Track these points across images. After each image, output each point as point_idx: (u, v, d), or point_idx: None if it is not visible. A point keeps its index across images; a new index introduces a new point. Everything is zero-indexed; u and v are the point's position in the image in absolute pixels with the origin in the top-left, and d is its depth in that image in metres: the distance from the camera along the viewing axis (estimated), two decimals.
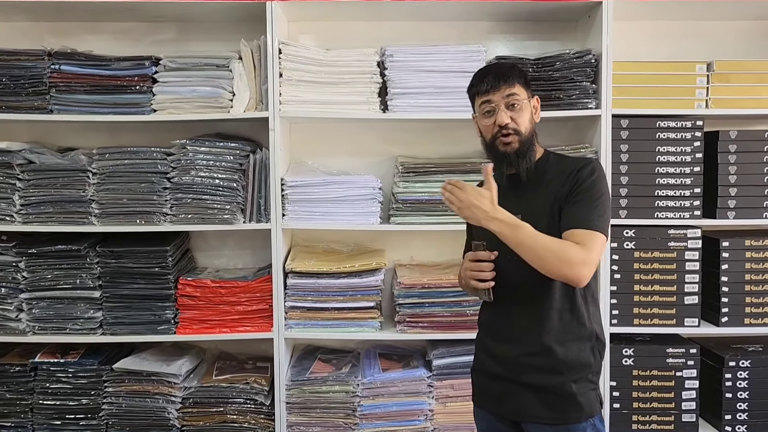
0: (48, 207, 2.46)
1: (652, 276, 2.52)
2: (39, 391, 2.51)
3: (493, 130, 1.74)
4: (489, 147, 1.78)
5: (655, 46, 2.72)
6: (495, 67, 1.81)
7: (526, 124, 1.74)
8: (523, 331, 1.74)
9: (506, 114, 1.71)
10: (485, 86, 1.74)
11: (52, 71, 2.44)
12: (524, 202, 1.75)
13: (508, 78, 1.73)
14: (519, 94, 1.73)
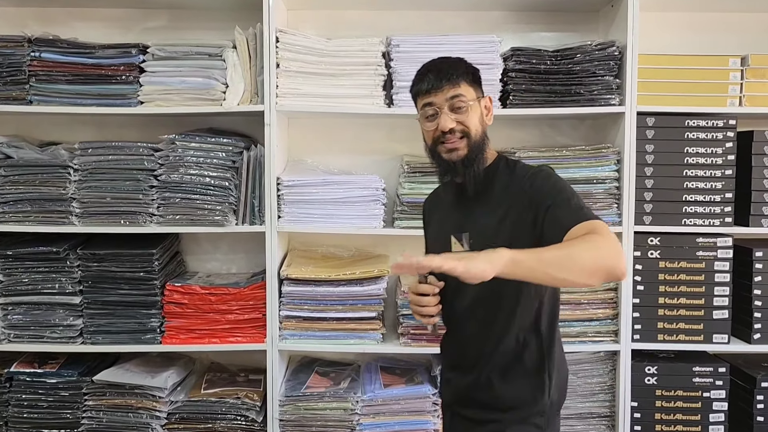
0: (26, 205, 2.29)
1: (679, 288, 2.32)
2: (14, 404, 2.34)
3: (434, 135, 1.55)
4: (431, 153, 1.59)
5: (683, 39, 2.52)
6: (437, 63, 1.58)
7: (475, 126, 1.54)
8: (470, 362, 1.60)
9: (450, 118, 1.52)
10: (426, 86, 1.54)
11: (32, 59, 2.28)
12: (473, 218, 1.57)
13: (451, 76, 1.53)
14: (465, 95, 1.53)
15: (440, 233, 1.66)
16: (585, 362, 2.36)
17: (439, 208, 1.74)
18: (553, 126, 2.60)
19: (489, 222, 1.53)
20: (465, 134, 1.52)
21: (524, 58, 2.28)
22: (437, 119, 1.53)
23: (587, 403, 2.36)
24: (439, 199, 1.75)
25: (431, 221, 1.78)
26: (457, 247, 1.58)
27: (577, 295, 2.31)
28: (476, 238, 1.54)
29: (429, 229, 1.80)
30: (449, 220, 1.63)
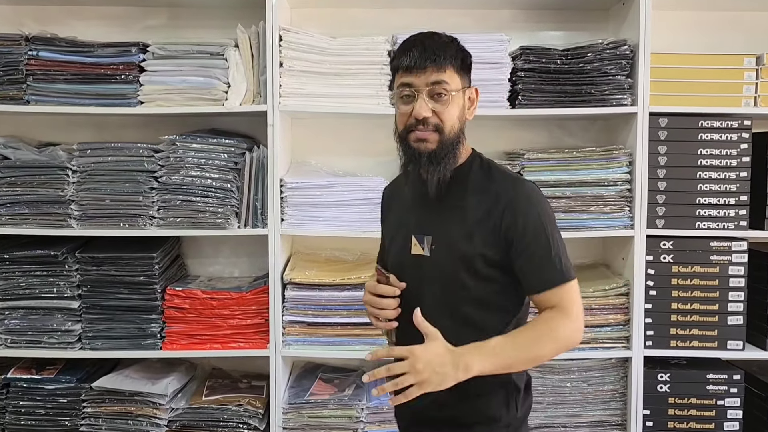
0: (23, 208, 2.24)
1: (692, 293, 2.26)
2: (11, 411, 2.28)
3: (407, 121, 1.38)
4: (400, 139, 1.43)
5: (696, 38, 2.46)
6: (425, 39, 1.39)
7: (452, 120, 1.37)
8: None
9: (427, 105, 1.35)
10: (407, 61, 1.36)
11: (29, 58, 2.22)
12: (439, 221, 1.42)
13: (438, 58, 1.35)
14: (449, 83, 1.36)
15: (399, 230, 1.50)
16: (596, 369, 2.30)
17: (399, 200, 1.56)
18: (562, 126, 2.54)
19: (457, 231, 1.39)
20: (438, 128, 1.36)
21: (534, 57, 2.23)
22: (413, 103, 1.36)
23: (598, 411, 2.30)
24: (400, 189, 1.56)
25: (389, 213, 1.61)
26: (417, 249, 1.44)
27: (588, 300, 2.24)
28: (440, 245, 1.40)
29: (387, 221, 1.62)
30: (410, 217, 1.48)
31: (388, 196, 1.66)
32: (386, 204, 1.65)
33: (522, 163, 2.26)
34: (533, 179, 2.21)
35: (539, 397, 2.29)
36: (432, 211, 1.43)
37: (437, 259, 1.41)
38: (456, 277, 1.39)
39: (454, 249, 1.37)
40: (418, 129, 1.37)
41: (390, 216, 1.60)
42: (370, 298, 1.42)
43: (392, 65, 1.43)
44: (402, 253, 1.46)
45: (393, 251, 1.51)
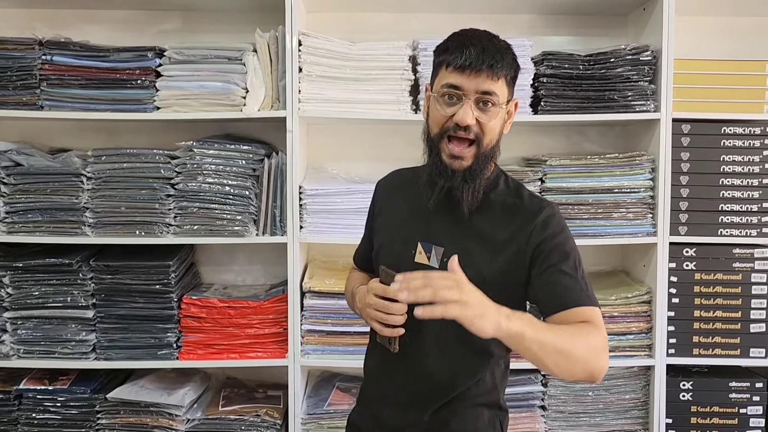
0: (36, 215, 2.19)
1: (714, 301, 2.24)
2: (24, 422, 2.23)
3: (446, 123, 1.29)
4: (430, 144, 1.33)
5: (718, 44, 2.44)
6: (483, 39, 1.29)
7: (493, 133, 1.30)
8: (422, 396, 1.39)
9: (473, 112, 1.26)
10: (462, 60, 1.25)
11: (43, 62, 2.17)
12: (455, 234, 1.35)
13: (495, 64, 1.26)
14: (498, 94, 1.28)
15: (399, 233, 1.42)
16: (618, 378, 2.28)
17: (403, 200, 1.47)
18: (581, 132, 2.52)
19: (478, 251, 1.32)
20: (477, 139, 1.28)
21: (556, 63, 2.20)
22: (456, 106, 1.27)
23: (620, 420, 2.28)
24: (404, 188, 1.47)
25: (386, 210, 1.50)
26: (422, 258, 1.37)
27: (610, 308, 2.23)
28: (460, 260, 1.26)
29: (381, 219, 1.51)
30: (418, 223, 1.39)
31: (385, 191, 1.54)
32: (381, 200, 1.54)
33: (544, 169, 2.23)
34: (556, 186, 2.23)
35: (561, 406, 2.27)
36: (449, 222, 1.36)
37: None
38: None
39: (473, 269, 1.27)
40: (458, 136, 1.28)
41: (387, 214, 1.50)
42: (377, 301, 1.30)
43: (440, 59, 1.32)
44: (401, 258, 1.38)
45: (387, 254, 1.42)
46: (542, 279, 1.29)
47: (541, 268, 1.30)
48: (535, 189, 2.23)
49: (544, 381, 2.26)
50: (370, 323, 1.33)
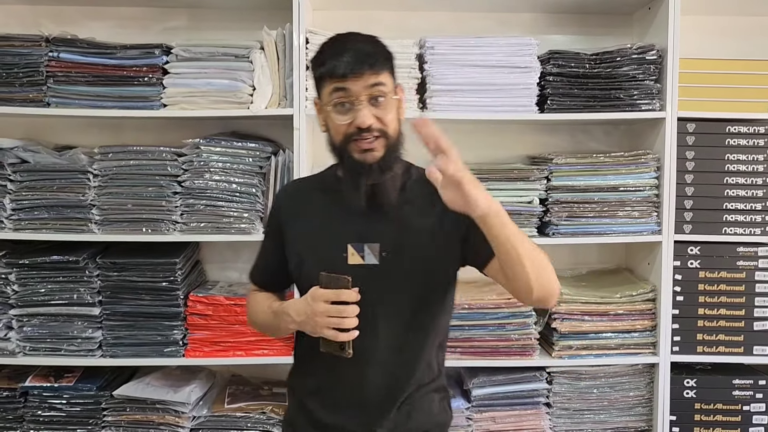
0: (43, 212, 2.19)
1: (718, 299, 2.26)
2: (29, 419, 2.23)
3: (347, 131, 1.31)
4: (339, 151, 1.34)
5: (723, 43, 2.45)
6: (355, 41, 1.33)
7: (394, 123, 1.33)
8: (378, 395, 1.39)
9: (369, 112, 1.29)
10: (342, 68, 1.27)
11: (49, 59, 2.17)
12: (390, 231, 1.37)
13: (374, 61, 1.29)
14: (386, 84, 1.31)
15: (323, 238, 1.41)
16: (622, 375, 2.29)
17: (318, 207, 1.45)
18: (586, 131, 2.53)
19: (414, 239, 1.36)
20: (382, 133, 1.30)
21: (562, 62, 2.21)
22: (352, 112, 1.29)
23: (624, 417, 2.29)
24: (316, 195, 1.46)
25: (297, 220, 1.46)
26: (354, 259, 1.37)
27: (615, 305, 2.24)
28: (395, 252, 1.36)
29: (293, 229, 1.46)
30: (343, 226, 1.38)
31: (290, 201, 1.50)
32: (288, 211, 1.49)
33: (550, 167, 2.24)
34: (562, 184, 2.24)
35: (566, 403, 2.28)
36: (376, 219, 1.37)
37: (392, 266, 1.37)
38: (415, 281, 1.37)
39: (418, 253, 1.35)
40: (363, 138, 1.30)
41: (300, 224, 1.45)
42: (330, 307, 1.27)
43: (320, 72, 1.33)
44: (332, 264, 1.36)
45: (315, 262, 1.38)
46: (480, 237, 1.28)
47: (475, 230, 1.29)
48: (540, 187, 2.25)
49: (549, 378, 2.27)
50: (321, 332, 1.29)
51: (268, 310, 1.47)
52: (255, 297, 1.57)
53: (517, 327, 2.23)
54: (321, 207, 1.44)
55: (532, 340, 2.23)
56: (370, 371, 1.39)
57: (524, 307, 2.22)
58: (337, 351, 1.30)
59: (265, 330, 1.56)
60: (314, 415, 1.45)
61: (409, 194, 1.40)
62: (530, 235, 2.24)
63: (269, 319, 1.47)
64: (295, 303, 1.36)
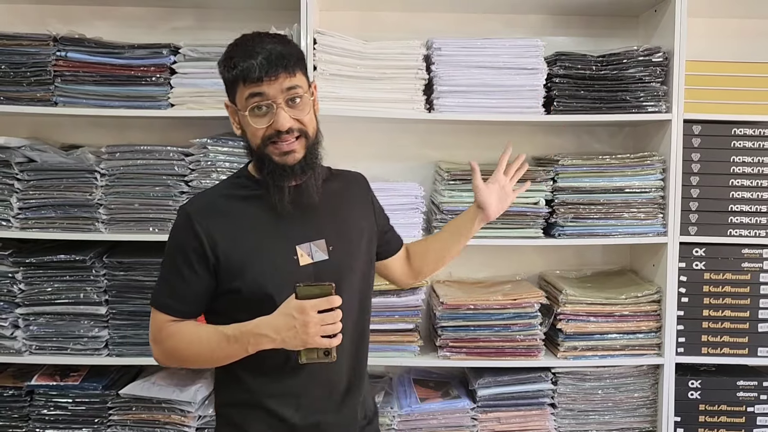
0: (49, 211, 2.19)
1: (723, 300, 2.27)
2: (35, 418, 2.23)
3: (265, 134, 1.32)
4: (258, 155, 1.35)
5: (728, 46, 2.46)
6: (265, 43, 1.32)
7: (312, 122, 1.37)
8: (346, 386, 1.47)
9: (287, 114, 1.31)
10: (256, 72, 1.28)
11: (57, 59, 2.17)
12: (324, 223, 1.42)
13: (288, 63, 1.30)
14: (301, 86, 1.33)
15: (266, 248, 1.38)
16: (627, 376, 2.29)
17: (244, 220, 1.41)
18: (591, 132, 2.54)
19: (351, 224, 1.47)
20: (302, 133, 1.34)
21: (569, 63, 2.22)
22: (270, 115, 1.31)
23: (629, 417, 2.30)
24: (231, 209, 1.41)
25: (226, 235, 1.38)
26: (304, 259, 1.38)
27: (620, 307, 2.25)
28: (339, 244, 1.42)
29: (225, 246, 1.38)
30: (284, 230, 1.39)
31: (209, 218, 1.39)
32: (211, 228, 1.38)
33: (556, 169, 2.25)
34: (567, 185, 2.24)
35: (570, 404, 2.28)
36: (309, 215, 1.41)
37: (339, 258, 1.43)
38: (359, 268, 1.47)
39: (355, 244, 1.47)
40: (282, 140, 1.32)
41: (232, 239, 1.38)
42: (323, 316, 1.27)
43: (232, 75, 1.32)
44: (287, 269, 1.37)
45: (268, 274, 1.36)
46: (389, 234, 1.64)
47: (383, 221, 1.62)
48: (546, 188, 2.25)
49: (554, 379, 2.28)
50: (313, 343, 1.28)
51: (213, 337, 1.36)
52: (180, 327, 1.41)
53: (522, 328, 2.23)
54: (249, 216, 1.41)
55: (537, 341, 2.23)
56: (340, 366, 1.43)
57: (530, 308, 2.22)
58: (322, 358, 1.30)
59: (199, 361, 1.41)
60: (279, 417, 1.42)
61: (333, 189, 1.48)
62: (536, 236, 2.25)
63: (215, 347, 1.36)
64: (270, 320, 1.30)
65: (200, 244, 1.37)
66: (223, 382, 1.48)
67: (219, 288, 1.40)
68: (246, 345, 1.32)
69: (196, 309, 1.44)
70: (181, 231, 1.40)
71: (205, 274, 1.38)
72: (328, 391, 1.44)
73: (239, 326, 1.33)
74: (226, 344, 1.34)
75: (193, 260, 1.37)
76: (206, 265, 1.38)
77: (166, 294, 1.42)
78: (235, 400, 1.45)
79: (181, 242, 1.40)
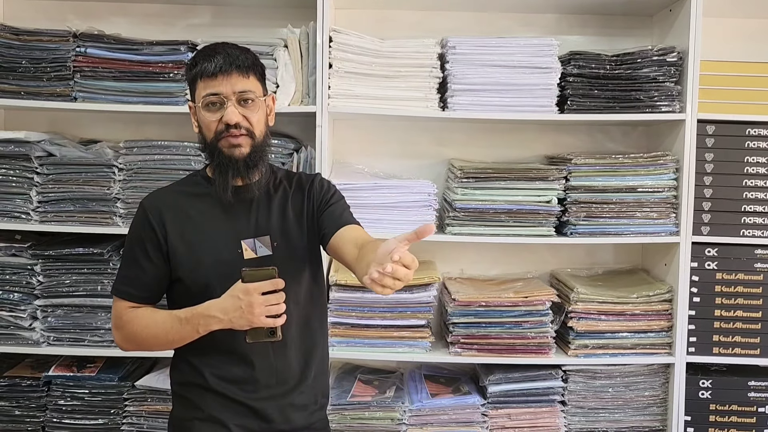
0: (68, 205, 2.23)
1: (735, 300, 2.27)
2: (52, 408, 2.27)
3: (216, 128, 1.46)
4: (210, 148, 1.49)
5: (743, 46, 2.46)
6: (226, 47, 1.49)
7: (261, 125, 1.50)
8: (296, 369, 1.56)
9: (237, 110, 1.45)
10: (213, 68, 1.43)
11: (76, 54, 2.21)
12: (268, 219, 1.53)
13: (243, 65, 1.46)
14: (254, 90, 1.48)
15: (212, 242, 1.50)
16: (638, 375, 2.30)
17: (197, 212, 1.53)
18: (605, 131, 2.54)
19: (294, 217, 1.55)
20: (249, 132, 1.47)
21: (583, 63, 2.23)
22: (221, 110, 1.45)
23: (639, 416, 2.30)
24: (185, 205, 1.54)
25: (177, 228, 1.51)
26: (248, 254, 1.50)
27: (631, 306, 2.25)
28: (283, 241, 1.52)
29: (177, 238, 1.51)
30: (232, 225, 1.51)
31: (164, 211, 1.53)
32: (163, 221, 1.52)
33: (569, 168, 2.26)
34: (580, 184, 2.25)
35: (581, 401, 2.29)
36: (255, 212, 1.53)
37: (283, 253, 1.52)
38: (303, 261, 1.55)
39: (295, 240, 1.53)
40: (231, 134, 1.45)
41: (182, 232, 1.51)
42: (267, 297, 1.37)
43: (193, 73, 1.48)
44: (231, 262, 1.47)
45: (209, 265, 1.48)
46: (326, 214, 1.55)
47: (323, 208, 1.56)
48: (559, 187, 2.26)
49: (565, 377, 2.29)
50: (258, 323, 1.37)
51: (168, 320, 1.48)
52: (137, 312, 1.53)
53: (533, 325, 2.24)
54: (201, 212, 1.54)
55: (548, 339, 2.24)
56: (288, 351, 1.53)
57: (541, 305, 2.24)
58: (268, 337, 1.41)
59: (155, 344, 1.52)
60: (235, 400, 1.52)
61: (283, 189, 1.58)
62: (548, 234, 2.26)
63: (169, 329, 1.47)
64: (218, 303, 1.41)
65: (155, 234, 1.51)
66: (176, 364, 1.60)
67: (171, 275, 1.53)
68: (197, 326, 1.44)
69: (153, 295, 1.56)
70: (137, 223, 1.55)
71: (159, 263, 1.52)
72: (276, 376, 1.53)
73: (191, 309, 1.45)
74: (179, 326, 1.46)
75: (149, 250, 1.51)
76: (161, 254, 1.52)
77: (125, 282, 1.55)
78: (186, 381, 1.57)
79: (137, 234, 1.54)
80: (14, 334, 2.24)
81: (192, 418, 1.54)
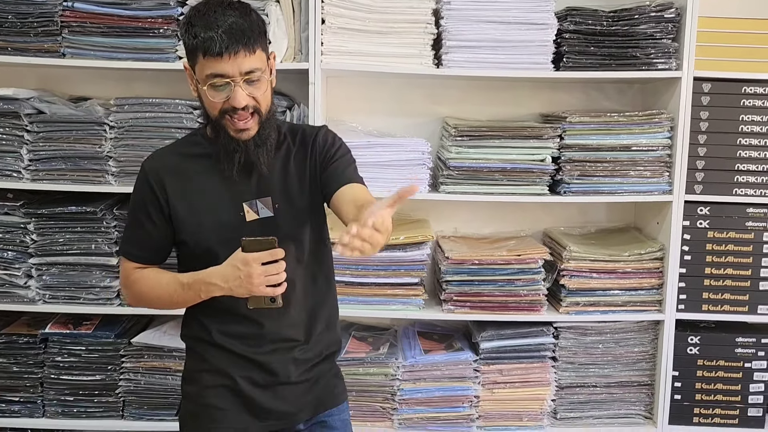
0: (60, 163, 2.22)
1: (726, 258, 2.29)
2: (49, 365, 2.30)
3: (222, 107, 1.39)
4: (214, 124, 1.44)
5: (740, 2, 2.41)
6: (228, 15, 1.35)
7: (267, 98, 1.43)
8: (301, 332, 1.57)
9: (244, 92, 1.37)
10: (217, 47, 1.32)
11: (64, 9, 2.16)
12: (270, 182, 1.50)
13: (249, 40, 1.34)
14: (260, 66, 1.38)
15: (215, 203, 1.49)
16: (628, 331, 2.34)
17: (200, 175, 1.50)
18: (600, 89, 2.52)
19: (298, 181, 1.51)
20: (256, 110, 1.40)
21: (580, 19, 2.19)
22: (228, 91, 1.37)
23: (628, 371, 2.35)
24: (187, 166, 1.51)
25: (181, 191, 1.50)
26: (251, 215, 1.49)
27: (623, 263, 2.28)
28: (284, 202, 1.50)
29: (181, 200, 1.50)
30: (232, 188, 1.48)
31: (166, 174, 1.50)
32: (166, 183, 1.50)
33: (564, 126, 2.25)
34: (574, 142, 2.24)
35: (571, 357, 2.33)
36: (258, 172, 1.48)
37: (285, 214, 1.50)
38: (306, 222, 1.53)
39: (297, 200, 1.50)
40: (238, 117, 1.40)
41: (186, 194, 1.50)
42: (266, 267, 1.35)
43: (192, 44, 1.36)
44: (234, 224, 1.47)
45: (216, 227, 1.48)
46: (329, 171, 1.50)
47: (326, 165, 1.51)
48: (553, 146, 2.25)
49: (556, 333, 2.33)
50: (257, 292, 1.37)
51: (172, 283, 1.49)
52: (144, 273, 1.54)
53: (525, 283, 2.26)
54: (199, 173, 1.51)
55: (540, 296, 2.27)
56: (293, 310, 1.54)
57: (534, 264, 2.25)
58: (268, 304, 1.40)
59: (161, 304, 1.56)
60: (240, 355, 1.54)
61: (284, 148, 1.54)
62: (541, 193, 2.26)
63: (173, 292, 1.49)
64: (219, 270, 1.40)
65: (156, 198, 1.50)
66: (187, 319, 1.62)
67: (175, 237, 1.53)
68: (198, 292, 1.45)
69: (158, 256, 1.57)
70: (139, 186, 1.53)
71: (162, 225, 1.51)
72: (281, 334, 1.54)
73: (193, 274, 1.46)
74: (182, 291, 1.47)
75: (152, 212, 1.50)
76: (163, 216, 1.51)
77: (130, 243, 1.56)
78: (194, 335, 1.59)
79: (140, 196, 1.53)
80: (10, 292, 2.25)
81: (201, 369, 1.57)
